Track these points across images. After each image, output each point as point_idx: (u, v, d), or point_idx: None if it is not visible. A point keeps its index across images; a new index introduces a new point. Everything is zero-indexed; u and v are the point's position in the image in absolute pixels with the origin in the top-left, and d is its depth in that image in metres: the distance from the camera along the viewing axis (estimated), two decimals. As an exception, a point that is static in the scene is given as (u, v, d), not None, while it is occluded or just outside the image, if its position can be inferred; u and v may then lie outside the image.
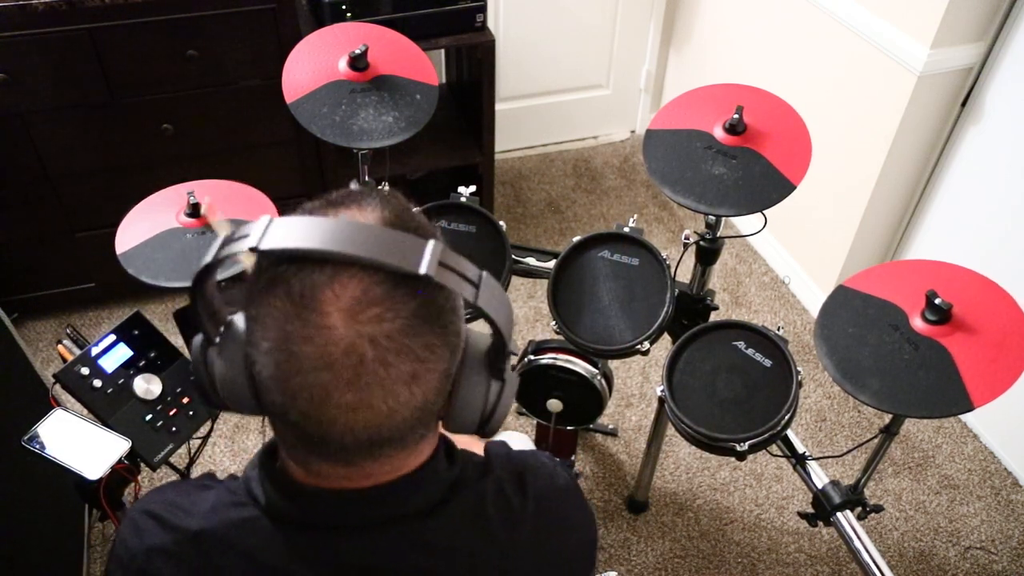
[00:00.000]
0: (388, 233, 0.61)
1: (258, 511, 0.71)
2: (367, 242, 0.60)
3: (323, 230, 0.60)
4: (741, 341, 1.51)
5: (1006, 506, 2.22)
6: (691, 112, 1.54)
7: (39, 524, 1.74)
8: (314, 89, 1.52)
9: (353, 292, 0.59)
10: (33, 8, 1.96)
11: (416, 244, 0.61)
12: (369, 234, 0.60)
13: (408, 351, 0.61)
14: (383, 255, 0.59)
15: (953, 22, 2.02)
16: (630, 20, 3.11)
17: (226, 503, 0.73)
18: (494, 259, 1.68)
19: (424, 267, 0.60)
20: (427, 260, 0.60)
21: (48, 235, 2.38)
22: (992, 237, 2.19)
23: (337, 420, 0.62)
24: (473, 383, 0.70)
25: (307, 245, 0.59)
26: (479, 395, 0.71)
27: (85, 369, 1.36)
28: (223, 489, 0.75)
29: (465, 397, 0.70)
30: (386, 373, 0.61)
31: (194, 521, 0.72)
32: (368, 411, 0.62)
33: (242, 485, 0.74)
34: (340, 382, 0.60)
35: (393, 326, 0.60)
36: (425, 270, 0.60)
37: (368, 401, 0.62)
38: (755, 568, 2.08)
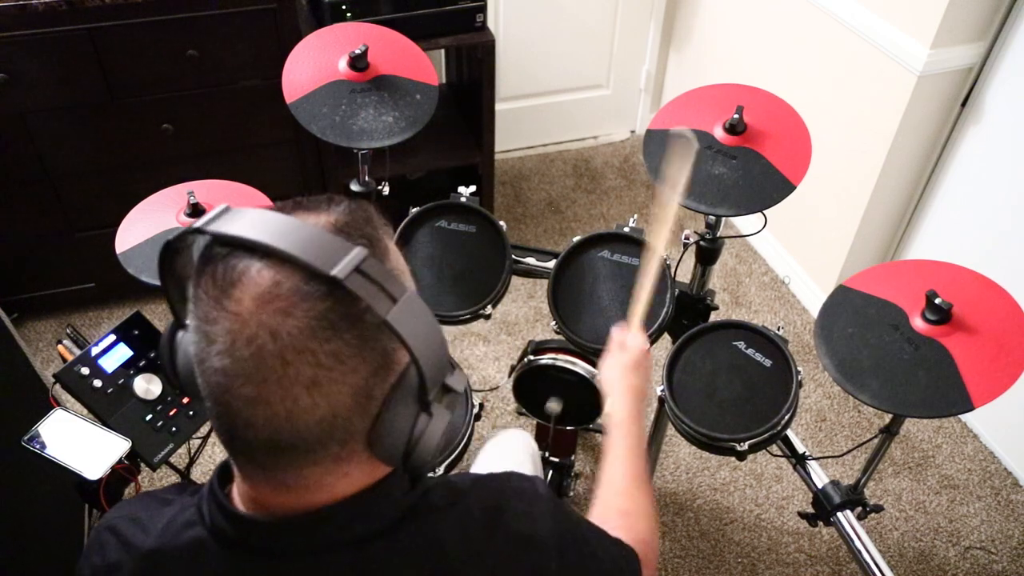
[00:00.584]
0: (315, 232, 0.61)
1: (206, 533, 0.70)
2: (288, 236, 0.60)
3: (255, 220, 0.61)
4: (741, 341, 1.51)
5: (1006, 506, 2.22)
6: (691, 112, 1.54)
7: (39, 524, 1.74)
8: (314, 89, 1.52)
9: (266, 282, 0.59)
10: (33, 8, 1.96)
11: (339, 247, 0.60)
12: (294, 230, 0.60)
13: (309, 354, 0.60)
14: (298, 250, 0.59)
15: (953, 22, 2.02)
16: (630, 20, 3.11)
17: (179, 522, 0.72)
18: (494, 259, 1.68)
19: (336, 270, 0.59)
20: (343, 264, 0.59)
21: (48, 235, 2.38)
22: (992, 237, 2.19)
23: (240, 413, 0.62)
24: (398, 411, 0.65)
25: (235, 231, 0.60)
26: (403, 425, 0.66)
27: (85, 369, 1.36)
28: (179, 506, 0.74)
29: (388, 424, 0.65)
30: (283, 372, 0.60)
31: (148, 540, 0.72)
32: (266, 408, 0.61)
33: (195, 503, 0.73)
34: (239, 371, 0.60)
35: (297, 323, 0.59)
36: (335, 272, 0.59)
37: (266, 397, 0.60)
38: (755, 568, 2.07)
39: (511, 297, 2.71)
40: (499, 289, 1.66)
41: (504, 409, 2.39)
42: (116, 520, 0.76)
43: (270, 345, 0.59)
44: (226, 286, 0.60)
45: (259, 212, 0.62)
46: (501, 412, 2.38)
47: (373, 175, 1.70)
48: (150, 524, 0.73)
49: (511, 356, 2.54)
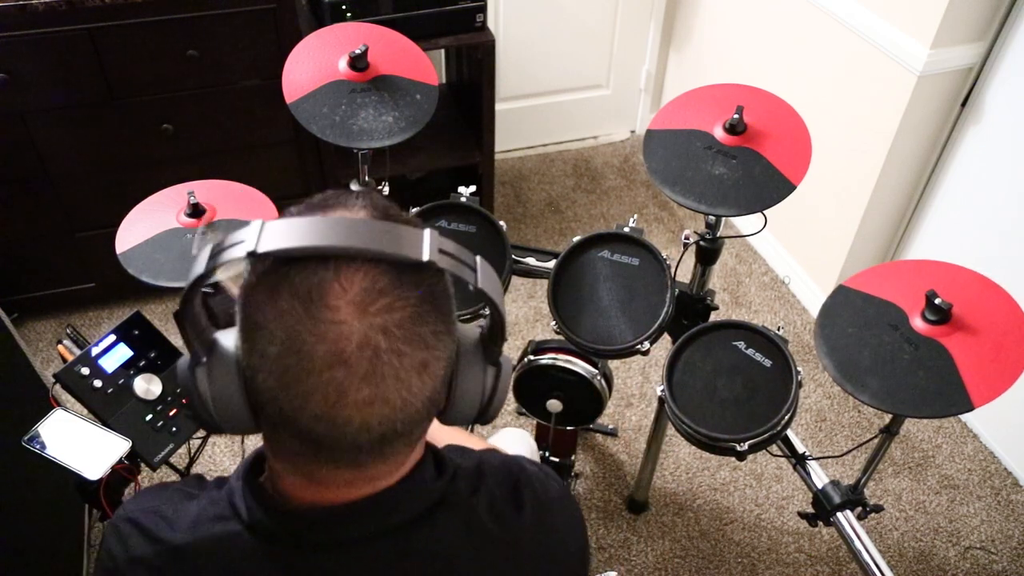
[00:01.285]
0: (385, 225, 0.61)
1: (241, 527, 0.70)
2: (366, 235, 0.60)
3: (320, 227, 0.59)
4: (741, 341, 1.51)
5: (1006, 506, 2.22)
6: (691, 112, 1.54)
7: (39, 524, 1.74)
8: (314, 89, 1.52)
9: (360, 284, 0.59)
10: (33, 8, 1.96)
11: (414, 233, 0.61)
12: (367, 227, 0.60)
13: (419, 339, 0.61)
14: (385, 245, 0.59)
15: (953, 22, 2.02)
16: (630, 20, 3.11)
17: (209, 516, 0.71)
18: (494, 259, 1.68)
19: (427, 254, 0.60)
20: (427, 247, 0.61)
21: (48, 235, 2.38)
22: (992, 237, 2.19)
23: (353, 419, 0.61)
24: (470, 371, 0.70)
25: (307, 243, 0.59)
26: (477, 383, 0.71)
27: (85, 369, 1.36)
28: (207, 500, 0.74)
29: (463, 386, 0.69)
30: (400, 363, 0.61)
31: (177, 535, 0.71)
32: (383, 405, 0.62)
33: (225, 497, 0.72)
34: (355, 377, 0.60)
35: (403, 315, 0.60)
36: (428, 256, 0.60)
37: (384, 395, 0.61)
38: (755, 568, 2.07)
39: (511, 297, 2.71)
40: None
41: (504, 409, 2.39)
42: (137, 513, 0.74)
43: (384, 343, 0.60)
44: (316, 298, 0.59)
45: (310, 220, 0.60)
46: (501, 412, 2.38)
47: (373, 175, 1.70)
48: (176, 519, 0.72)
49: (511, 356, 2.54)
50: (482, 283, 0.64)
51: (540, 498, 0.80)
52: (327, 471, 0.67)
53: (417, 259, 0.60)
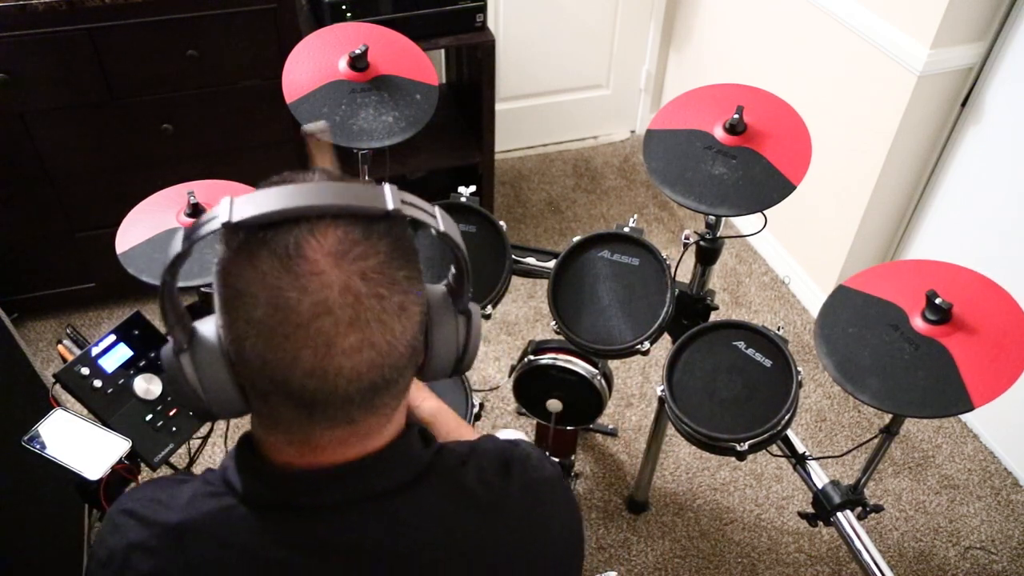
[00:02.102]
0: (347, 184, 0.66)
1: (235, 500, 0.72)
2: (332, 193, 0.64)
3: (288, 192, 0.63)
4: (741, 341, 1.51)
5: (1006, 506, 2.22)
6: (691, 112, 1.54)
7: (39, 524, 1.74)
8: (314, 89, 1.52)
9: (334, 236, 0.63)
10: (33, 8, 1.96)
11: (375, 189, 0.65)
12: (331, 187, 0.65)
13: (395, 282, 0.65)
14: (352, 200, 0.63)
15: (953, 22, 2.02)
16: (630, 20, 3.11)
17: (203, 494, 0.73)
18: (494, 259, 1.68)
19: (390, 204, 0.64)
20: (390, 198, 0.65)
21: (48, 235, 2.38)
22: (992, 237, 2.19)
23: (343, 368, 0.64)
24: (443, 323, 0.74)
25: (278, 207, 0.62)
26: (451, 333, 0.75)
27: (85, 369, 1.36)
28: (199, 481, 0.75)
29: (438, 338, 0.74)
30: (381, 306, 0.64)
31: (172, 514, 0.72)
32: (371, 350, 0.64)
33: (219, 475, 0.74)
34: (341, 324, 0.63)
35: (378, 260, 0.64)
36: (392, 206, 0.64)
37: (370, 339, 0.64)
38: (755, 568, 2.08)
39: (511, 297, 2.71)
40: (499, 289, 1.66)
41: (504, 409, 2.39)
42: (131, 504, 0.75)
43: (364, 288, 0.63)
44: (294, 254, 0.62)
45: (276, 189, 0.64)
46: (501, 412, 2.38)
47: (373, 175, 1.70)
48: (171, 501, 0.74)
49: (511, 356, 2.54)
50: (445, 227, 0.68)
51: (531, 474, 0.81)
52: (321, 431, 0.69)
53: (383, 209, 0.64)
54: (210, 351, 0.68)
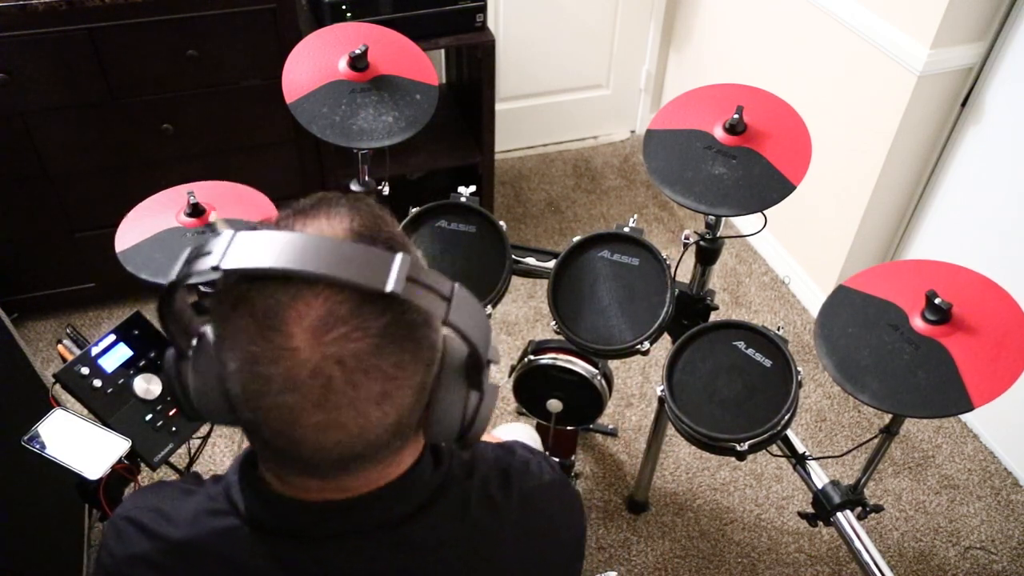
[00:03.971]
0: (353, 248, 0.59)
1: (239, 520, 0.70)
2: (330, 258, 0.57)
3: (285, 246, 0.57)
4: (741, 341, 1.51)
5: (1006, 506, 2.22)
6: (691, 112, 1.54)
7: (39, 524, 1.74)
8: (314, 89, 1.52)
9: (318, 311, 0.57)
10: (33, 8, 1.96)
11: (383, 259, 0.58)
12: (333, 249, 0.58)
13: (377, 370, 0.59)
14: (347, 272, 0.57)
15: (953, 22, 2.02)
16: (630, 20, 3.11)
17: (208, 511, 0.72)
18: (494, 259, 1.68)
19: (391, 284, 0.57)
20: (394, 277, 0.57)
21: (48, 235, 2.38)
22: (992, 237, 2.19)
23: (307, 439, 0.61)
24: (451, 394, 0.67)
25: (269, 264, 0.57)
26: (457, 406, 0.67)
27: (85, 369, 1.36)
28: (204, 495, 0.74)
29: (443, 408, 0.67)
30: (355, 394, 0.59)
31: (176, 530, 0.71)
32: (339, 430, 0.60)
33: (222, 492, 0.73)
34: (307, 403, 0.59)
35: (361, 346, 0.58)
36: (392, 287, 0.57)
37: (337, 420, 0.60)
38: (755, 568, 2.07)
39: (511, 297, 2.71)
40: (499, 289, 1.66)
41: (504, 409, 2.39)
42: (135, 511, 0.75)
43: (338, 373, 0.58)
44: (272, 322, 0.58)
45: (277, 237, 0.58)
46: (501, 412, 2.38)
47: (373, 175, 1.70)
48: (175, 515, 0.73)
49: (511, 356, 2.54)
50: (455, 317, 0.60)
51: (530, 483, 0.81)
52: (296, 479, 0.69)
53: (379, 289, 0.57)
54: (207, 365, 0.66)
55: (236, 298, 0.59)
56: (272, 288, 0.58)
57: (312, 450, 0.62)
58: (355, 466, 0.66)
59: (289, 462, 0.65)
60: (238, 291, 0.59)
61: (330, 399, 0.59)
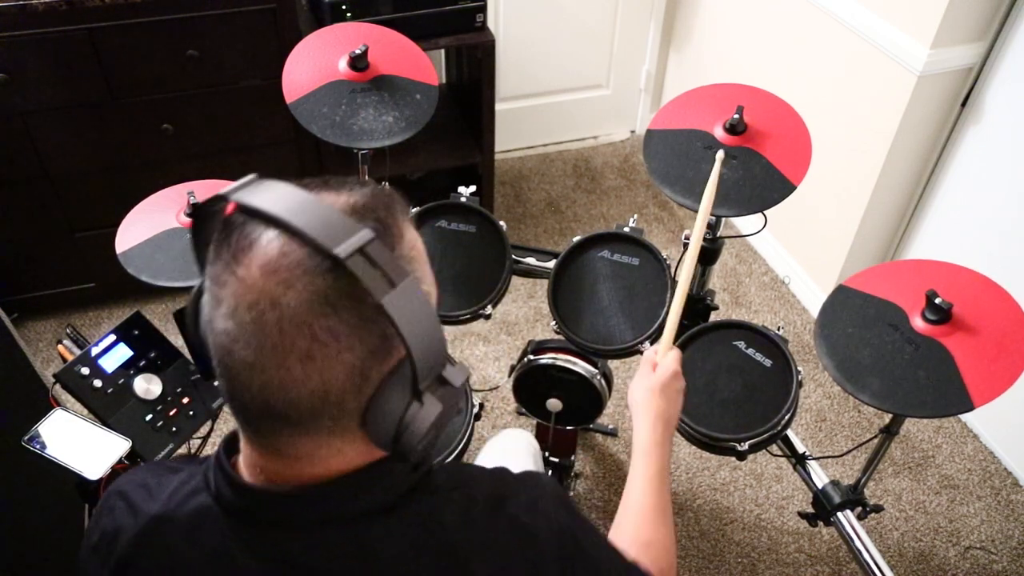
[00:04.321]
0: (327, 211, 0.62)
1: (211, 500, 0.73)
2: (300, 212, 0.61)
3: (275, 194, 0.63)
4: (741, 341, 1.51)
5: (1006, 506, 2.22)
6: (691, 112, 1.54)
7: (39, 524, 1.74)
8: (314, 89, 1.52)
9: (273, 252, 0.61)
10: (33, 8, 1.96)
11: (348, 228, 0.61)
12: (308, 207, 0.62)
13: (307, 327, 0.61)
14: (306, 226, 0.61)
15: (953, 22, 2.02)
16: (630, 20, 3.11)
17: (186, 490, 0.74)
18: (494, 259, 1.68)
19: (340, 248, 0.60)
20: (347, 244, 0.60)
21: (48, 235, 2.38)
22: (992, 237, 2.19)
23: (239, 376, 0.64)
24: (391, 396, 0.65)
25: (255, 202, 0.62)
26: (394, 410, 0.66)
27: (85, 369, 1.36)
28: (187, 473, 0.76)
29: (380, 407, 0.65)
30: (279, 341, 0.61)
31: (155, 505, 0.74)
32: (261, 373, 0.63)
33: (203, 470, 0.75)
34: (240, 336, 0.62)
35: (297, 296, 0.61)
36: (339, 251, 0.60)
37: (262, 364, 0.62)
38: (755, 568, 2.07)
39: (511, 297, 2.71)
40: (499, 289, 1.66)
41: (504, 409, 2.39)
42: (126, 485, 0.78)
43: (269, 313, 0.61)
44: (238, 252, 0.62)
45: (283, 186, 0.64)
46: (501, 412, 2.38)
47: (373, 175, 1.70)
48: (157, 490, 0.75)
49: (511, 356, 2.54)
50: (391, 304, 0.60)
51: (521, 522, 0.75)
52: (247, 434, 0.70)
53: (327, 249, 0.60)
54: None
55: (225, 225, 0.65)
56: (252, 225, 0.63)
57: (241, 388, 0.64)
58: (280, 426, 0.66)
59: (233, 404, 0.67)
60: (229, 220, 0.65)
61: (257, 338, 0.62)
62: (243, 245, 0.62)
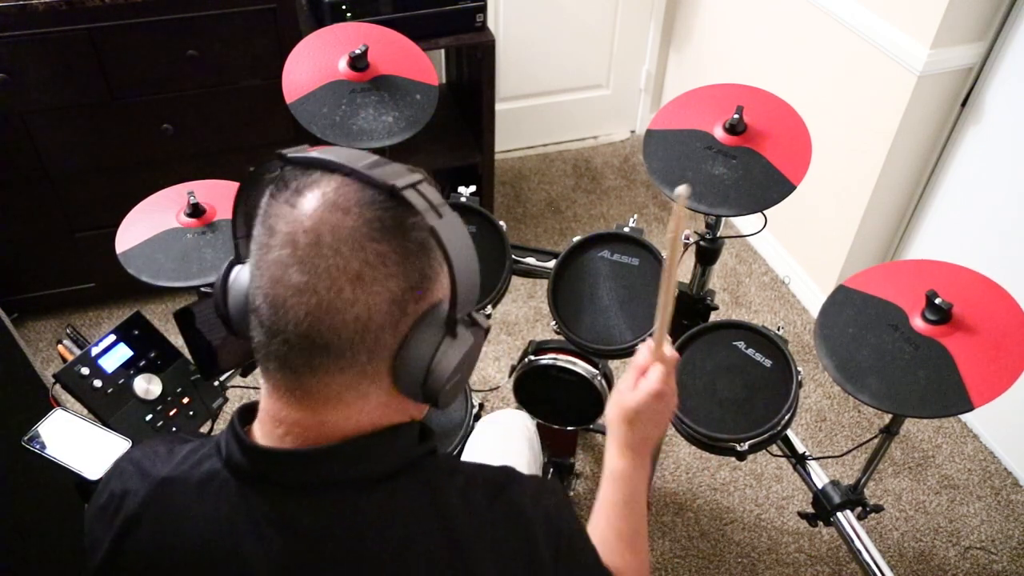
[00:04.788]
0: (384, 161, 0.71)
1: (221, 464, 0.75)
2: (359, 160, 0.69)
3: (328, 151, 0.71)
4: (741, 341, 1.51)
5: (1006, 506, 2.22)
6: (691, 112, 1.54)
7: (39, 524, 1.74)
8: (314, 89, 1.52)
9: (333, 189, 0.68)
10: (33, 8, 1.96)
11: (403, 171, 0.70)
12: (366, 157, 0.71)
13: (361, 250, 0.67)
14: (365, 168, 0.69)
15: (953, 22, 2.02)
16: (630, 20, 3.11)
17: (197, 455, 0.78)
18: (494, 259, 1.68)
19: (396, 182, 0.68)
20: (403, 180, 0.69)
21: (48, 235, 2.38)
22: (992, 237, 2.19)
23: (287, 302, 0.67)
24: (425, 333, 0.71)
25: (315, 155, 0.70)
26: (427, 348, 0.71)
27: (85, 369, 1.36)
28: (199, 442, 0.80)
29: (413, 345, 0.70)
30: (334, 261, 0.66)
31: (164, 467, 0.77)
32: (311, 296, 0.67)
33: (215, 440, 0.78)
34: (295, 259, 0.67)
35: (355, 222, 0.67)
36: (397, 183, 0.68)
37: (313, 285, 0.67)
38: (755, 568, 2.07)
39: (511, 297, 2.71)
40: (499, 289, 1.66)
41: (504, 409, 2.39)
42: (138, 453, 0.81)
43: (327, 236, 0.67)
44: (299, 191, 0.69)
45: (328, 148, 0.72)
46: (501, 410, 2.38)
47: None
48: (169, 456, 0.79)
49: (511, 356, 2.54)
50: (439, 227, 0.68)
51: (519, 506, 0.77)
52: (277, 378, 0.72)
53: (384, 182, 0.68)
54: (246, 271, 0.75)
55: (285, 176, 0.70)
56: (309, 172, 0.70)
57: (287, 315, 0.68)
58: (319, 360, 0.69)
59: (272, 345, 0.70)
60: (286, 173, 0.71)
61: (312, 259, 0.67)
62: (303, 185, 0.69)
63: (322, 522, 0.72)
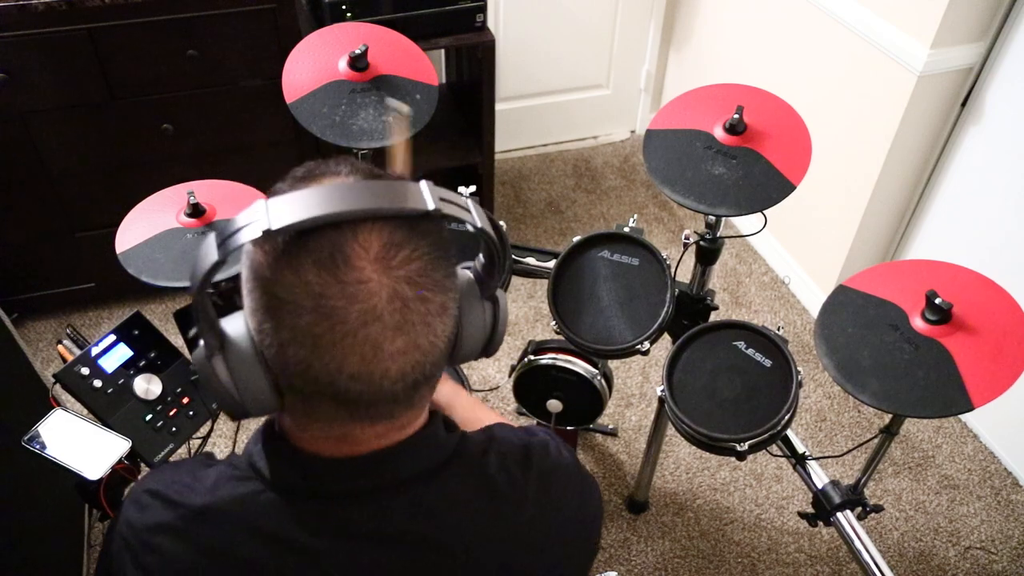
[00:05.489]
0: (385, 184, 0.64)
1: (262, 485, 0.72)
2: (372, 195, 0.62)
3: (327, 195, 0.61)
4: (741, 341, 1.51)
5: (1006, 506, 2.22)
6: (691, 112, 1.54)
7: (39, 524, 1.74)
8: (314, 89, 1.52)
9: (379, 242, 0.62)
10: (33, 8, 1.96)
11: (412, 187, 0.64)
12: (370, 188, 0.63)
13: (439, 284, 0.66)
14: (393, 202, 0.62)
15: (953, 22, 2.02)
16: (630, 20, 3.11)
17: (229, 478, 0.74)
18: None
19: (431, 204, 0.63)
20: (430, 197, 0.64)
21: (48, 235, 2.38)
22: (992, 237, 2.19)
23: (389, 370, 0.65)
24: (472, 309, 0.75)
25: (320, 212, 0.60)
26: (479, 319, 0.76)
27: (85, 369, 1.36)
28: (224, 466, 0.76)
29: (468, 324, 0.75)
30: (426, 308, 0.65)
31: (197, 497, 0.73)
32: (416, 352, 0.65)
33: (244, 461, 0.75)
34: (388, 330, 0.63)
35: (421, 264, 0.64)
36: (432, 205, 0.63)
37: (415, 341, 0.65)
38: (755, 568, 2.07)
39: (511, 297, 2.71)
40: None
41: (504, 409, 2.39)
42: (155, 484, 0.76)
43: (410, 293, 0.63)
44: (339, 262, 0.61)
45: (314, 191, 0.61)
46: (501, 412, 2.38)
47: (373, 175, 1.70)
48: (196, 484, 0.74)
49: (511, 356, 2.54)
50: (480, 223, 0.68)
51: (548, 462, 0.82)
52: (361, 428, 0.71)
53: (423, 209, 0.63)
54: (243, 353, 0.67)
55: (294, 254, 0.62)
56: (328, 234, 0.61)
57: (394, 380, 0.65)
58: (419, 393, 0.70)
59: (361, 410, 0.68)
60: (295, 248, 0.62)
61: (407, 319, 0.64)
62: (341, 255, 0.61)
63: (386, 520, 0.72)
